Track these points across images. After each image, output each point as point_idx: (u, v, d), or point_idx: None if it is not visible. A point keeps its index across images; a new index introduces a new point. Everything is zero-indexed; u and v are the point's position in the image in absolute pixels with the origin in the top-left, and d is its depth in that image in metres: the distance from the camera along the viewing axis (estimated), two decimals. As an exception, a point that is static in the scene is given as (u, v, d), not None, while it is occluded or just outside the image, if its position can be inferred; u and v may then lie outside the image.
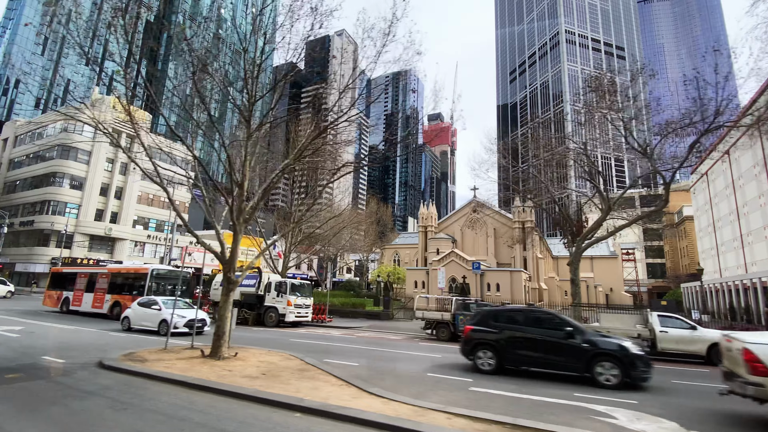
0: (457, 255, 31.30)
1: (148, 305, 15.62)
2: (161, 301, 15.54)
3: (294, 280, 20.95)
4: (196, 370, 7.88)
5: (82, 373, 7.74)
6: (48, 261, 45.57)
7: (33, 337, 12.45)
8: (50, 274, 24.88)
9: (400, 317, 23.03)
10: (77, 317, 20.17)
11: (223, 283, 10.37)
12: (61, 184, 47.29)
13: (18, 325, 15.25)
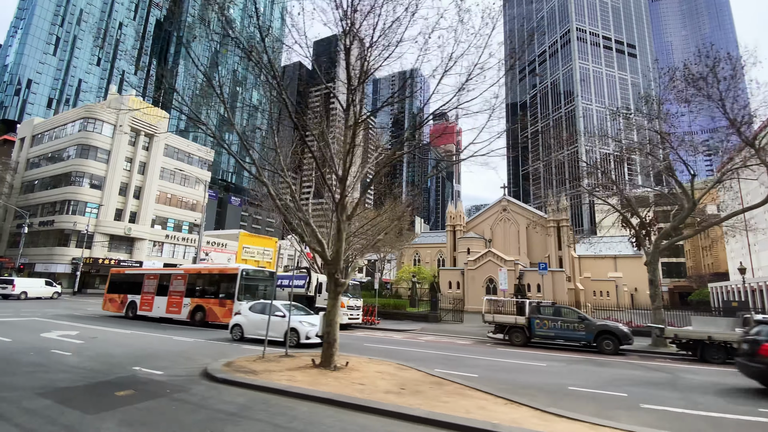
0: (494, 254, 30.33)
1: (263, 311, 13.85)
2: (282, 306, 14.09)
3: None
4: (323, 383, 6.99)
5: (198, 388, 6.87)
6: (69, 261, 44.98)
7: (106, 345, 11.51)
8: (109, 276, 23.09)
9: (448, 319, 22.11)
10: (149, 323, 18.61)
11: (329, 286, 9.44)
12: (81, 184, 46.66)
13: (77, 330, 14.43)
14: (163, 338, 13.70)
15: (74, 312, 22.30)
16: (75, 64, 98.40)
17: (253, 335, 13.82)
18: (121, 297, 21.11)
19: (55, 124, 52.13)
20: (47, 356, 9.24)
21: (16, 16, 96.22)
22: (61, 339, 12.09)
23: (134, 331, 15.13)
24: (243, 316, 14.38)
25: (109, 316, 20.71)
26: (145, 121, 52.22)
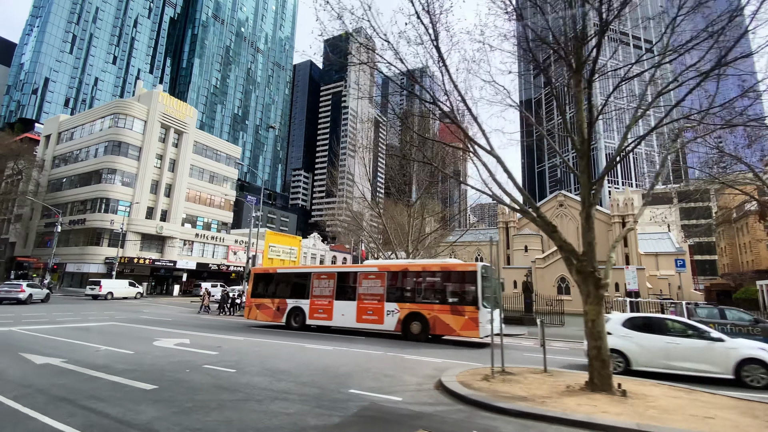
0: (567, 252, 28.79)
1: (666, 330, 9.31)
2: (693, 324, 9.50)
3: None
4: (630, 414, 5.32)
5: (458, 416, 5.23)
6: (102, 261, 43.57)
7: (261, 359, 9.57)
8: (252, 276, 19.15)
9: (546, 322, 20.32)
10: (325, 336, 15.09)
11: (584, 288, 7.65)
12: (112, 181, 45.23)
13: (187, 338, 12.80)
14: (372, 354, 11.02)
15: (165, 317, 20.66)
16: (91, 63, 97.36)
17: (651, 367, 9.03)
18: (278, 302, 17.20)
19: (83, 121, 50.75)
20: (215, 375, 7.58)
21: (31, 14, 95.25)
22: (190, 350, 10.38)
23: (302, 344, 12.52)
24: (624, 338, 9.49)
25: (261, 327, 17.54)
26: (175, 117, 50.83)
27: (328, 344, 12.54)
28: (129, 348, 10.17)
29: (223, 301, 25.63)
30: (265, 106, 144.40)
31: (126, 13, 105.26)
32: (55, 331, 12.66)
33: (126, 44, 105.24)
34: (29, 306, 23.72)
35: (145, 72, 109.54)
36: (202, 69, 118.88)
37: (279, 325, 17.22)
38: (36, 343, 10.23)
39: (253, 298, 18.27)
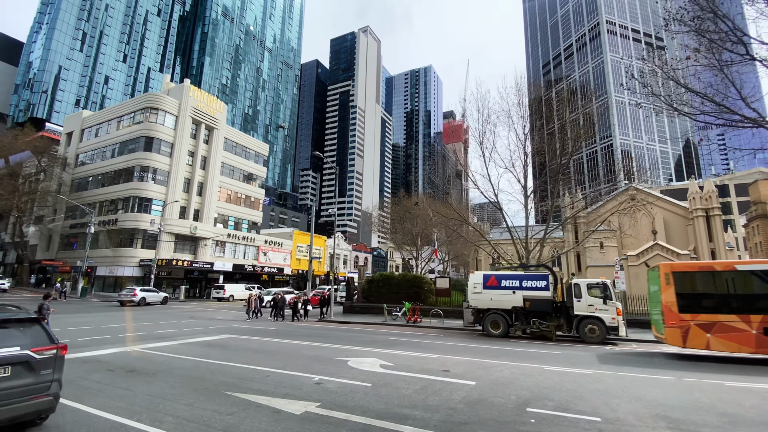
0: (661, 248, 26.66)
1: None
2: None
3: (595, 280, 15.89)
4: None
5: None
6: (136, 263, 41.18)
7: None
8: (671, 284, 11.92)
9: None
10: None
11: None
12: (145, 179, 42.83)
13: (387, 359, 10.51)
14: None
15: (262, 325, 18.31)
16: (102, 61, 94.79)
17: None
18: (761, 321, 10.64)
19: (109, 116, 48.29)
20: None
21: (39, 12, 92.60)
22: (439, 379, 7.80)
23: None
24: None
25: (405, 337, 14.32)
26: (206, 112, 48.55)
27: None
28: (337, 374, 7.97)
29: (277, 306, 22.54)
30: (274, 106, 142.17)
31: (136, 11, 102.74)
32: (210, 352, 10.38)
33: (136, 42, 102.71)
34: (144, 310, 23.17)
35: (155, 70, 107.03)
36: (212, 68, 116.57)
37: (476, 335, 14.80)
38: (221, 372, 7.97)
39: (686, 313, 11.44)
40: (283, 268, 57.93)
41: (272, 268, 55.62)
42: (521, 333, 15.52)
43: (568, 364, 9.75)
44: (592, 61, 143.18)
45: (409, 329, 18.62)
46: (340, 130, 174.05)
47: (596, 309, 14.34)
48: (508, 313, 15.63)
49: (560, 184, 22.36)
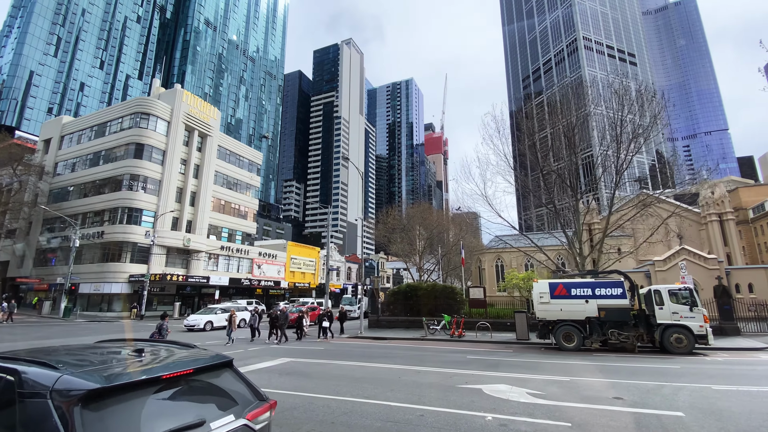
0: (688, 252, 26.35)
1: None
2: None
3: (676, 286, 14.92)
4: None
5: None
6: (125, 279, 37.93)
7: None
8: None
9: (748, 332, 17.39)
10: None
11: None
12: (135, 188, 39.88)
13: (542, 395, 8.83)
14: None
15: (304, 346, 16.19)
16: (77, 67, 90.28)
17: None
18: None
19: (94, 122, 45.12)
20: None
21: (10, 15, 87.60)
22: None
23: None
24: None
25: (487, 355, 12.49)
26: (200, 119, 46.20)
27: None
28: (497, 408, 6.42)
29: (276, 325, 18.43)
30: (257, 116, 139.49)
31: (114, 16, 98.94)
32: (283, 382, 8.56)
33: (114, 48, 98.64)
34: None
35: (133, 78, 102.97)
36: (194, 76, 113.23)
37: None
38: (349, 411, 6.24)
39: None
40: (279, 281, 55.33)
41: (268, 282, 52.97)
42: (599, 345, 14.33)
43: (722, 381, 8.55)
44: (570, 75, 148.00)
45: (459, 344, 17.13)
46: (324, 140, 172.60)
47: (681, 317, 13.34)
48: (581, 324, 14.42)
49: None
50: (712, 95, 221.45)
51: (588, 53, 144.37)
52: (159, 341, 3.26)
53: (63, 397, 2.01)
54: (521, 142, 22.61)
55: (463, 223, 53.93)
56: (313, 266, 68.03)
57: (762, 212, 69.79)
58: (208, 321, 24.81)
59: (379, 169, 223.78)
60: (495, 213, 21.34)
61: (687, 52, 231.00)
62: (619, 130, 18.75)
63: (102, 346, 3.06)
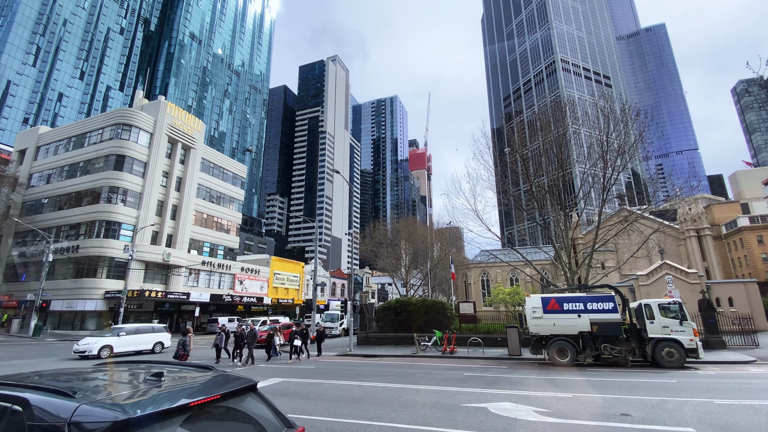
0: (670, 266, 27.00)
1: None
2: None
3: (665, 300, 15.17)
4: None
5: None
6: (101, 296, 36.34)
7: None
8: None
9: (739, 344, 17.71)
10: None
11: None
12: (114, 201, 38.63)
13: None
14: None
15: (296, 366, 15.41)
16: (56, 77, 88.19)
17: None
18: None
19: (73, 132, 43.84)
20: None
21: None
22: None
23: None
24: None
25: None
26: (183, 131, 45.47)
27: None
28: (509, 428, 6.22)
29: (240, 344, 17.06)
30: (241, 129, 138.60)
31: (97, 27, 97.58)
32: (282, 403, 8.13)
33: (95, 59, 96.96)
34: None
35: (114, 89, 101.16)
36: (178, 88, 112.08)
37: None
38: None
39: None
40: (261, 297, 53.97)
41: (250, 298, 51.59)
42: (591, 360, 14.33)
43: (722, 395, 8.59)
44: (549, 95, 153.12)
45: (452, 361, 16.89)
46: (309, 154, 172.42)
47: (672, 330, 13.51)
48: (574, 339, 14.43)
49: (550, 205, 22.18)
50: (683, 116, 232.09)
51: (566, 75, 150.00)
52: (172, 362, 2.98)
53: (83, 431, 1.76)
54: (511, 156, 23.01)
55: (448, 237, 54.20)
56: (297, 282, 66.83)
57: (734, 228, 72.74)
58: (106, 346, 19.30)
59: (364, 184, 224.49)
60: (485, 227, 21.44)
61: (658, 76, 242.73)
62: (605, 147, 19.30)
63: (110, 369, 2.77)
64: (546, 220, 22.04)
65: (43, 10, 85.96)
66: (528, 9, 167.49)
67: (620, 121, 19.95)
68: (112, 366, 3.02)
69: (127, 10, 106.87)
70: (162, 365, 3.00)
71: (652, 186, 23.66)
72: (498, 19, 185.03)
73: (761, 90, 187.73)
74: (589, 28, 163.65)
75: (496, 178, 26.55)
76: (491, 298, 43.40)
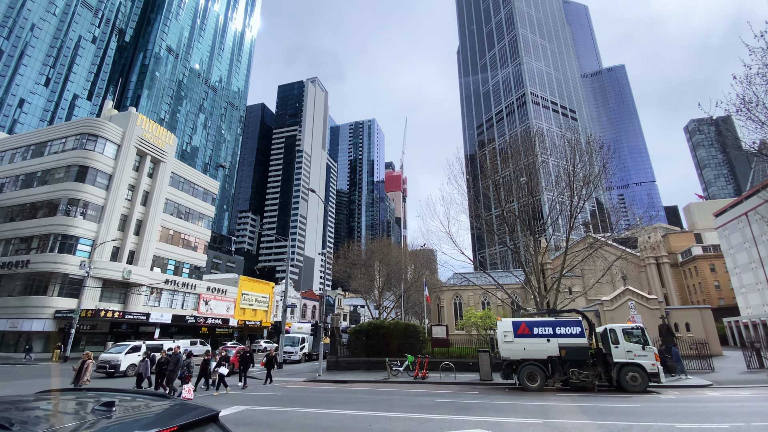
0: (632, 293, 28.03)
1: None
2: None
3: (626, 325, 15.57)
4: None
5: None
6: (51, 315, 33.80)
7: None
8: None
9: (696, 368, 18.27)
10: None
11: None
12: (73, 214, 36.60)
13: None
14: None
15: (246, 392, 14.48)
16: (18, 82, 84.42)
17: None
18: None
19: (31, 141, 41.70)
20: None
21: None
22: None
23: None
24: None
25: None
26: (153, 144, 44.17)
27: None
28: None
29: (147, 371, 15.17)
30: (215, 144, 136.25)
31: (67, 35, 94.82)
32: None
33: (63, 66, 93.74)
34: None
35: (82, 98, 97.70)
36: (150, 101, 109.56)
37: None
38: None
39: None
40: (227, 319, 51.82)
41: (216, 319, 49.42)
42: (560, 385, 14.45)
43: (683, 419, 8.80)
44: (519, 126, 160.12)
45: (424, 386, 16.61)
46: (284, 172, 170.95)
47: (635, 355, 13.90)
48: (544, 363, 14.56)
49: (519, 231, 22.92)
50: (641, 150, 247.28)
51: (535, 107, 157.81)
52: (125, 390, 2.72)
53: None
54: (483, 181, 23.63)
55: (422, 259, 54.40)
56: (266, 303, 64.76)
57: (689, 257, 76.88)
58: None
59: (340, 204, 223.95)
60: (458, 250, 21.68)
61: (619, 112, 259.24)
62: (572, 176, 20.20)
63: (54, 397, 2.49)
64: (516, 244, 22.57)
65: (9, 13, 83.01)
66: (501, 44, 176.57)
67: (585, 152, 21.01)
68: (57, 394, 2.74)
69: (102, 20, 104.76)
70: (113, 393, 2.74)
71: (615, 215, 24.80)
72: (473, 52, 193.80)
73: (711, 129, 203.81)
74: (557, 65, 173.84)
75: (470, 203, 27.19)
76: (463, 321, 43.51)
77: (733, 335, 51.75)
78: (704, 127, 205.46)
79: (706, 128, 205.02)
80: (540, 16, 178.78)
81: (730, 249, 52.81)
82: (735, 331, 49.36)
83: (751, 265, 51.30)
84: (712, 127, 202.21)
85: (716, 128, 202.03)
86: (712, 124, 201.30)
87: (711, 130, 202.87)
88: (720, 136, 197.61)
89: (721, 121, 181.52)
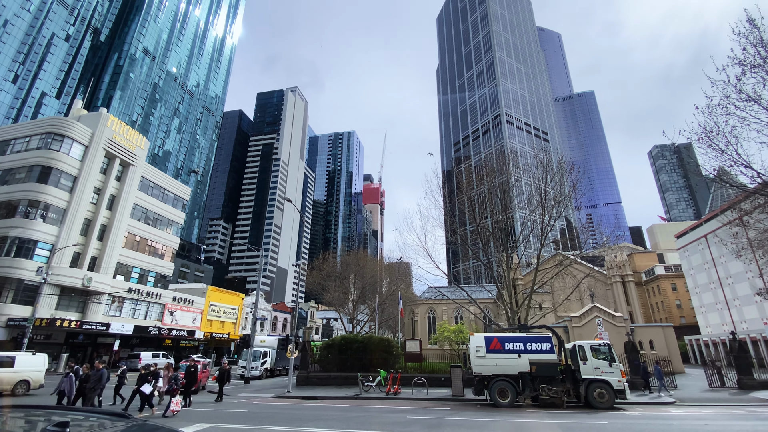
0: (599, 310, 28.91)
1: None
2: None
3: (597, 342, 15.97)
4: None
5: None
6: (3, 323, 31.52)
7: None
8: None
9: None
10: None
11: None
12: (33, 216, 34.63)
13: None
14: None
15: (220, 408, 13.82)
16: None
17: None
18: None
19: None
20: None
21: None
22: None
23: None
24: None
25: None
26: (124, 146, 42.70)
27: None
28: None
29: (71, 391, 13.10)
30: (189, 150, 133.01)
31: (40, 32, 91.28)
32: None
33: (33, 63, 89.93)
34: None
35: (50, 96, 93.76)
36: (122, 102, 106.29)
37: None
38: None
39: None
40: (193, 330, 49.78)
41: (180, 331, 47.36)
42: (530, 401, 14.61)
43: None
44: (495, 144, 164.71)
45: (395, 402, 16.41)
46: (260, 181, 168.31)
47: (602, 372, 14.26)
48: (515, 379, 14.72)
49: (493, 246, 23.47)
50: (608, 172, 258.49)
51: (510, 127, 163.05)
52: (78, 409, 2.55)
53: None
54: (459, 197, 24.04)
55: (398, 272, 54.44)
56: (235, 314, 62.75)
57: (652, 276, 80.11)
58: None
59: (316, 214, 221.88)
60: (434, 264, 21.84)
61: (588, 135, 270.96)
62: (544, 196, 20.88)
63: (3, 415, 2.30)
64: (490, 259, 22.97)
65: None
66: (479, 65, 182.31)
67: (557, 173, 21.79)
68: (5, 412, 2.54)
69: (77, 18, 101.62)
70: (65, 412, 2.57)
71: (583, 234, 25.69)
72: (452, 71, 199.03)
73: (673, 156, 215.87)
74: (531, 88, 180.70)
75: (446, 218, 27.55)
76: (437, 336, 43.54)
77: (694, 353, 53.92)
78: (667, 153, 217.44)
79: (668, 154, 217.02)
80: (516, 40, 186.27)
81: (691, 270, 55.43)
82: (696, 349, 51.47)
83: (710, 286, 53.93)
84: (674, 154, 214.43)
85: (678, 155, 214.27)
86: (675, 150, 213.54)
87: (673, 157, 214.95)
88: (681, 162, 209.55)
89: (683, 148, 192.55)
